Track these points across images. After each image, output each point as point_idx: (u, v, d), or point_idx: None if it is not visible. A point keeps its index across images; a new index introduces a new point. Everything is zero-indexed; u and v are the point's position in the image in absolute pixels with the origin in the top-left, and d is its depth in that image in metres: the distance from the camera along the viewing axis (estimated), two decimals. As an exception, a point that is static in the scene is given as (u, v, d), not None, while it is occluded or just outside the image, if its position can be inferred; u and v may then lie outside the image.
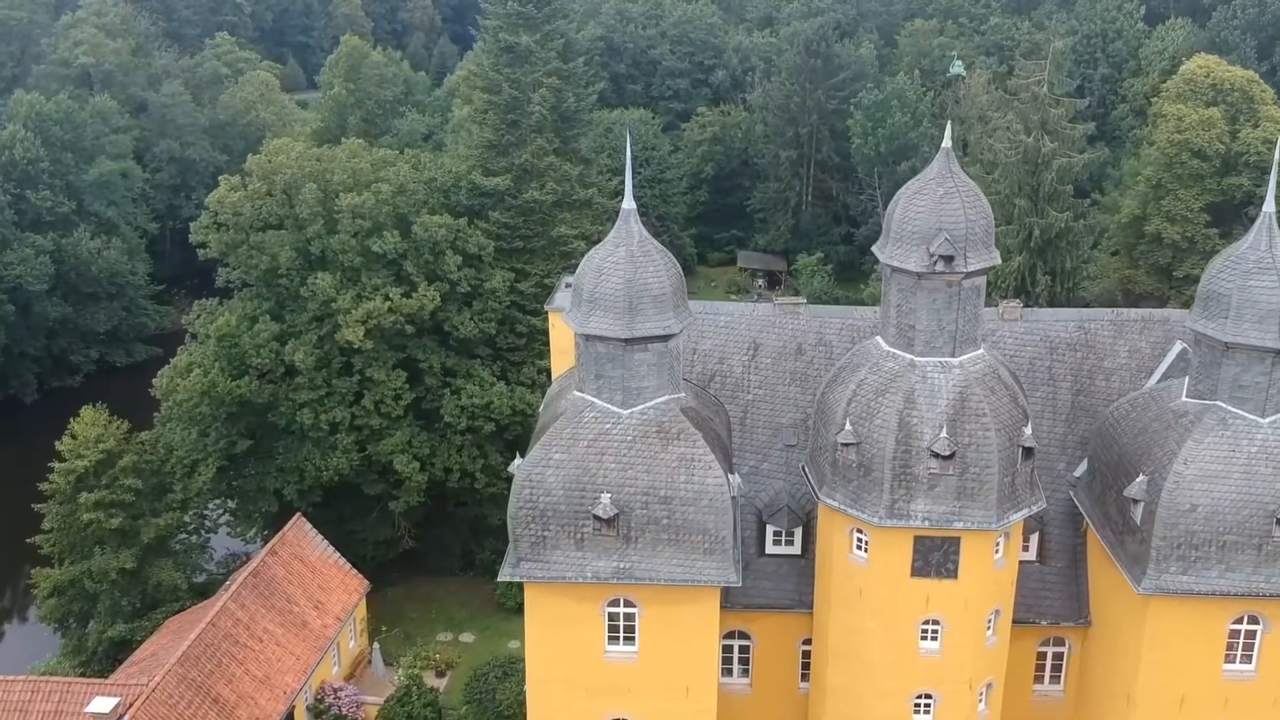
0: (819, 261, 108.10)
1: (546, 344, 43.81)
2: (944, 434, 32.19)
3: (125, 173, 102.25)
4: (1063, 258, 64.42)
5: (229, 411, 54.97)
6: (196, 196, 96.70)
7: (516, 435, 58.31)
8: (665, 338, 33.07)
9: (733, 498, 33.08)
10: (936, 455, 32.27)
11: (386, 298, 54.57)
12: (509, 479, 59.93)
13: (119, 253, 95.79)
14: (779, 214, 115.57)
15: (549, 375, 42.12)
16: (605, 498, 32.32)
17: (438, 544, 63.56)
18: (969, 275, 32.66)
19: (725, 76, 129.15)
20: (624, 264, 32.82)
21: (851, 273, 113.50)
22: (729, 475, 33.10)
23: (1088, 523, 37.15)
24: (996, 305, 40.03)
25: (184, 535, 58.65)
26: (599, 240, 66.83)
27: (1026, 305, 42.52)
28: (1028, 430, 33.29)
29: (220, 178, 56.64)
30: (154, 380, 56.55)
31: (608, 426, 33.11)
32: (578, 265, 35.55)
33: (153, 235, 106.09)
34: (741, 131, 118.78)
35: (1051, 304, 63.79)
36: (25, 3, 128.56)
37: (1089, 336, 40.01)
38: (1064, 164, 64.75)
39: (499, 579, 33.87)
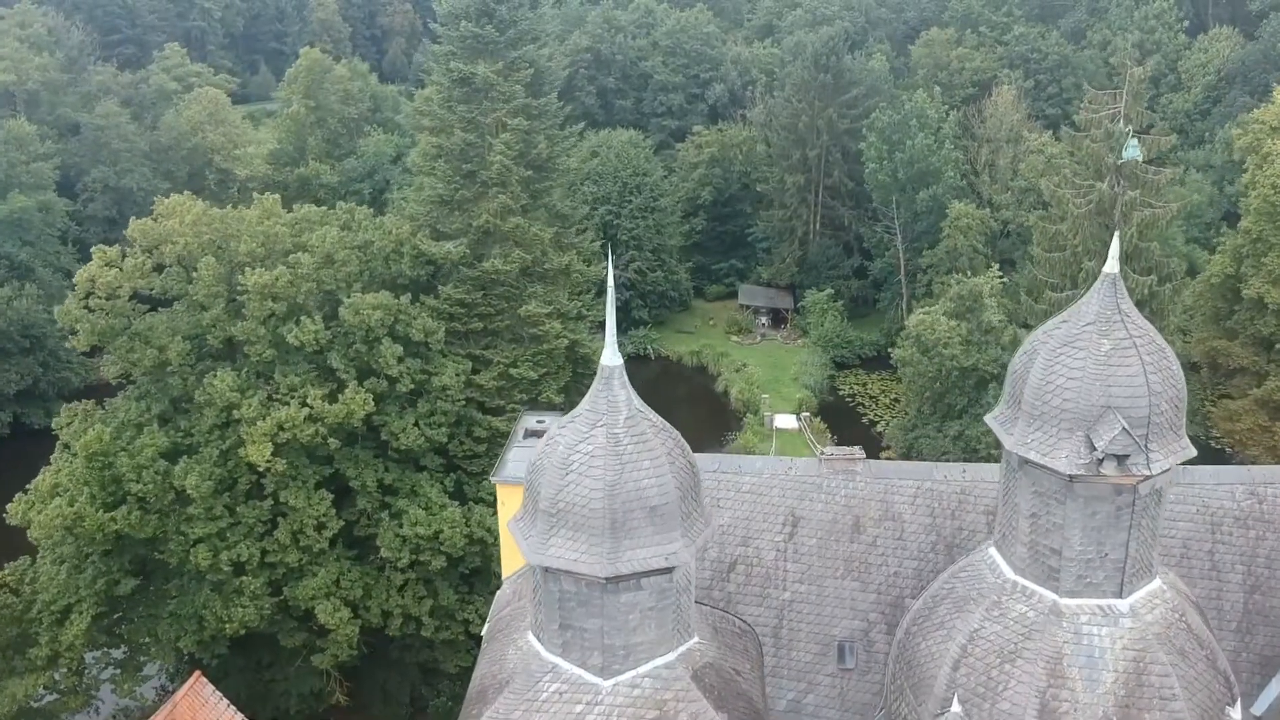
0: (829, 298, 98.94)
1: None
2: (1111, 731, 20.34)
3: (45, 206, 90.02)
4: (1146, 330, 52.34)
5: (104, 548, 42.86)
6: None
7: (474, 568, 46.32)
8: (669, 570, 21.09)
9: (774, 815, 21.26)
10: (1099, 764, 20.45)
11: (304, 403, 42.24)
12: (466, 623, 47.90)
13: (34, 300, 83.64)
14: (784, 244, 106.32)
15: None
16: (574, 833, 20.36)
17: (379, 690, 51.46)
18: (1150, 477, 20.81)
19: (723, 91, 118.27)
20: (604, 457, 20.27)
21: (865, 309, 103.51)
22: (768, 782, 21.22)
23: (1277, 789, 25.46)
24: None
25: (53, 696, 46.39)
26: (578, 317, 55.56)
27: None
28: (1235, 714, 21.40)
29: (94, 249, 44.30)
30: (8, 507, 44.19)
31: (579, 710, 21.05)
32: (550, 348, 23.35)
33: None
34: (742, 153, 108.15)
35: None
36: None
37: (1264, 506, 27.96)
38: (1146, 217, 52.78)
39: None
